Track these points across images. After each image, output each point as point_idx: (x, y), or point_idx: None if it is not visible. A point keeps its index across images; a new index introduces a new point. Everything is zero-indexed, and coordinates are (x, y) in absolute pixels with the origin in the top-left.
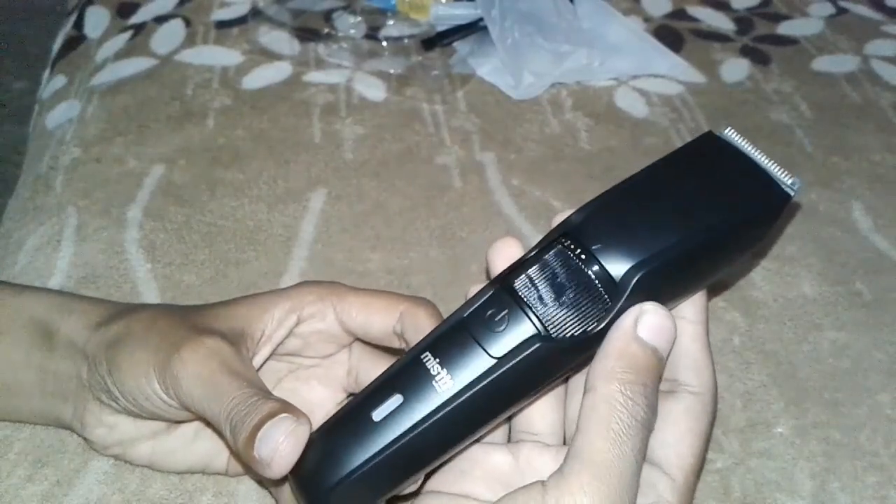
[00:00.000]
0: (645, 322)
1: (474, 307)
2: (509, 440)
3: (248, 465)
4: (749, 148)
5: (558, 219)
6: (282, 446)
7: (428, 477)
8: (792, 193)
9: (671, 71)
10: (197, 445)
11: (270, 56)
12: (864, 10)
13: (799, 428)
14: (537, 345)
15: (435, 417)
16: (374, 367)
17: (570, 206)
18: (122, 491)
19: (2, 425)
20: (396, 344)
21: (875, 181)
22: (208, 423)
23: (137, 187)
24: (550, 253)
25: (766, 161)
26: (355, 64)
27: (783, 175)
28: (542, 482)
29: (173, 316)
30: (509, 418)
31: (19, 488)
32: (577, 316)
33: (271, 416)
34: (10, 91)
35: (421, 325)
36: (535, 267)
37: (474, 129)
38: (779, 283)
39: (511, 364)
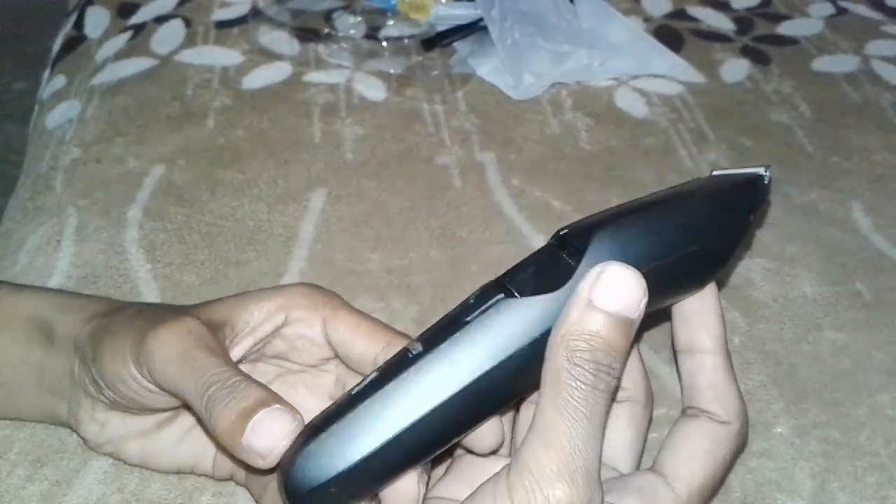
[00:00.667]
0: (601, 283)
1: (464, 305)
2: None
3: (225, 450)
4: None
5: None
6: (280, 440)
7: (439, 461)
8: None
9: (671, 71)
10: (183, 446)
11: (270, 56)
12: (864, 10)
13: (799, 428)
14: (503, 302)
15: (417, 396)
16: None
17: (570, 206)
18: (122, 491)
19: (2, 425)
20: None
21: (875, 181)
22: (187, 407)
23: (137, 187)
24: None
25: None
26: (355, 64)
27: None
28: (507, 464)
29: (161, 307)
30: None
31: (19, 488)
32: (541, 278)
33: (263, 404)
34: (10, 91)
35: None
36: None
37: (474, 129)
38: (779, 283)
39: (480, 322)
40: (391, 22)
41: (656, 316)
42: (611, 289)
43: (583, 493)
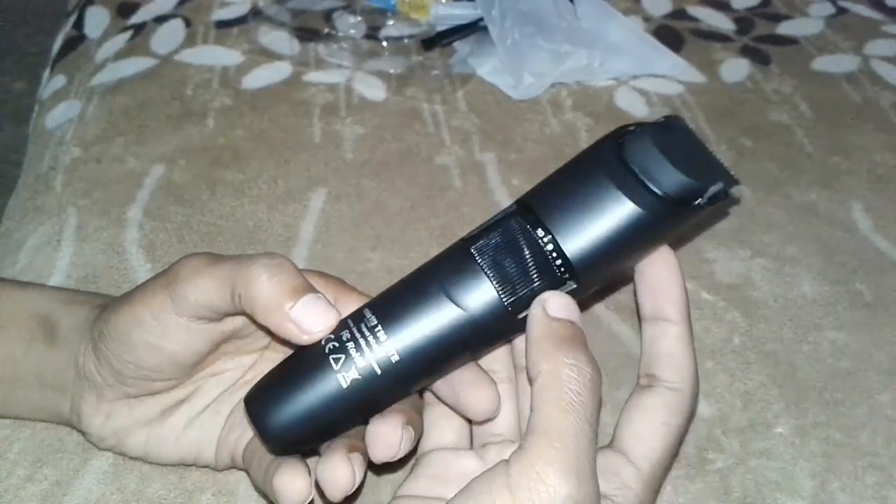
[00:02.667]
0: (551, 304)
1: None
2: (472, 447)
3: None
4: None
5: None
6: (326, 323)
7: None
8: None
9: (671, 71)
10: (188, 434)
11: (270, 56)
12: (864, 10)
13: (799, 428)
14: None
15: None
16: None
17: None
18: (122, 491)
19: (1, 425)
20: None
21: (875, 181)
22: (247, 315)
23: (137, 187)
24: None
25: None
26: (355, 64)
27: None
28: (506, 461)
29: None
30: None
31: (19, 488)
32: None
33: (313, 290)
34: (10, 91)
35: None
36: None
37: (474, 129)
38: (779, 283)
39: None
40: (391, 22)
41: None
42: (560, 307)
43: (586, 491)
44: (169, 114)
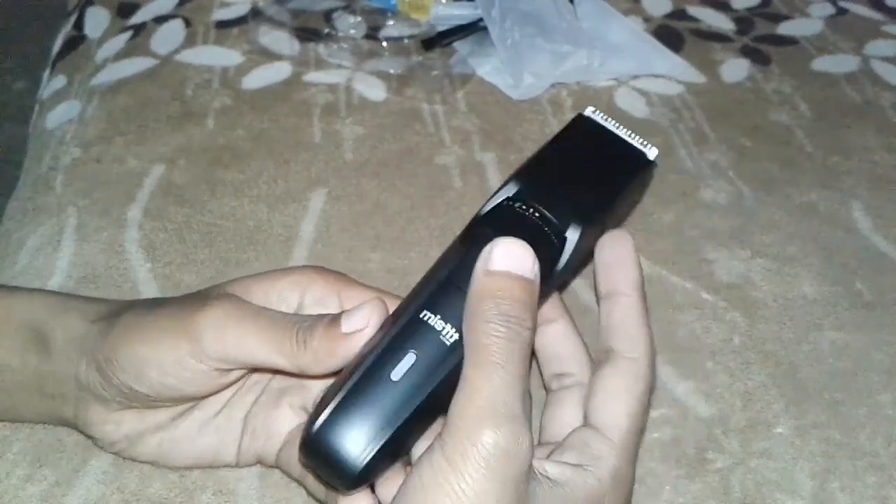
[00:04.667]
0: (493, 255)
1: (454, 264)
2: None
3: (311, 369)
4: (612, 124)
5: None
6: (372, 319)
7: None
8: (651, 159)
9: (671, 71)
10: (203, 437)
11: (270, 56)
12: (864, 10)
13: (799, 428)
14: None
15: (449, 368)
16: None
17: None
18: (122, 490)
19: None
20: None
21: (875, 181)
22: (254, 369)
23: (137, 187)
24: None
25: (627, 133)
26: (355, 64)
27: (642, 145)
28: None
29: (174, 299)
30: None
31: (19, 489)
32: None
33: (335, 318)
34: (10, 91)
35: None
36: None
37: (474, 129)
38: (779, 283)
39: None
40: (391, 22)
41: None
42: (503, 255)
43: (508, 434)
44: (169, 114)
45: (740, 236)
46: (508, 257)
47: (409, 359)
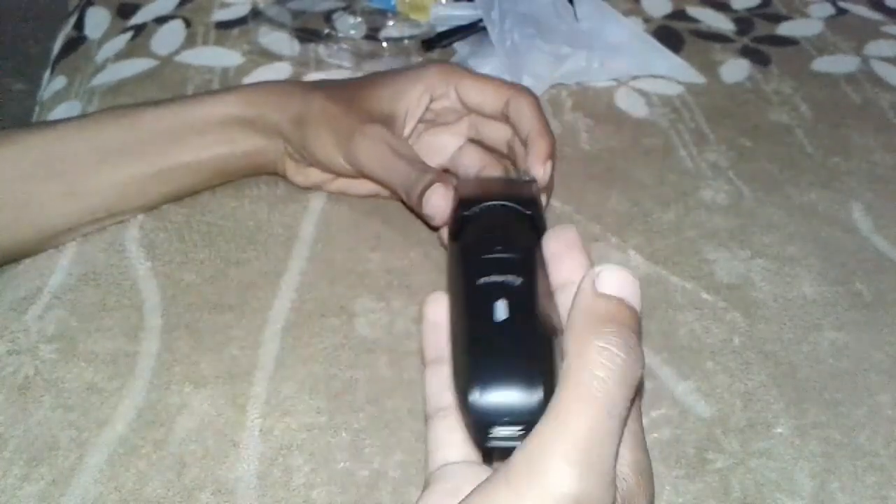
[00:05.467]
0: (602, 277)
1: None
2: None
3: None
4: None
5: None
6: (439, 205)
7: None
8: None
9: (671, 72)
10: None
11: (271, 57)
12: (864, 11)
13: (799, 428)
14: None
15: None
16: (487, 125)
17: (570, 207)
18: (119, 490)
19: None
20: (503, 120)
21: (875, 181)
22: (382, 185)
23: None
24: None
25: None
26: (355, 65)
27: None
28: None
29: (338, 104)
30: None
31: (16, 488)
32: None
33: (430, 185)
34: (11, 92)
35: (522, 109)
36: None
37: None
38: (779, 283)
39: None
40: (391, 22)
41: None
42: (614, 280)
43: (594, 490)
44: None
45: (740, 236)
46: (620, 284)
47: (500, 304)
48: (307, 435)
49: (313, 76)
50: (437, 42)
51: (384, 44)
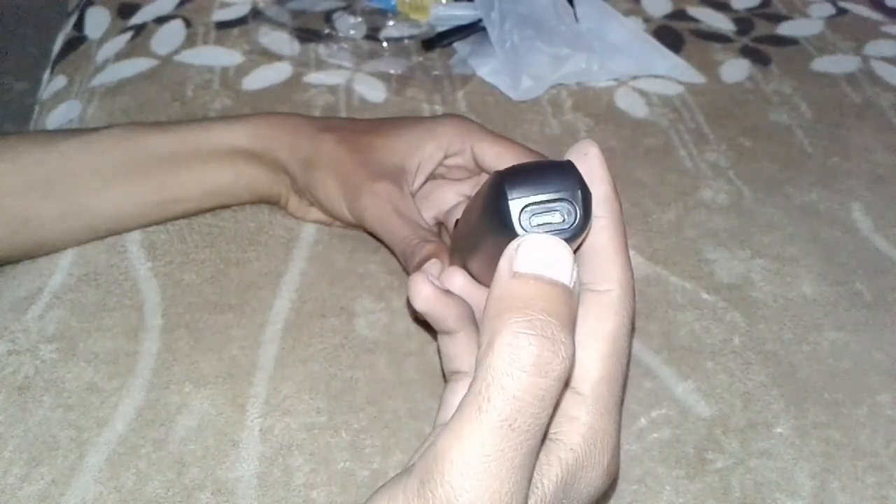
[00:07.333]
0: (519, 253)
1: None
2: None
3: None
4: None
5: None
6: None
7: None
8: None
9: (671, 71)
10: None
11: (271, 57)
12: (864, 11)
13: (799, 428)
14: None
15: None
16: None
17: None
18: (119, 490)
19: None
20: None
21: (875, 181)
22: (381, 242)
23: None
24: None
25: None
26: (355, 65)
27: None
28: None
29: (348, 152)
30: None
31: (16, 488)
32: None
33: (427, 258)
34: (11, 92)
35: None
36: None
37: None
38: (779, 283)
39: None
40: (391, 22)
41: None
42: (527, 257)
43: (491, 496)
44: (169, 114)
45: (740, 236)
46: (543, 255)
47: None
48: (307, 435)
49: (313, 76)
50: (437, 42)
51: (384, 44)
